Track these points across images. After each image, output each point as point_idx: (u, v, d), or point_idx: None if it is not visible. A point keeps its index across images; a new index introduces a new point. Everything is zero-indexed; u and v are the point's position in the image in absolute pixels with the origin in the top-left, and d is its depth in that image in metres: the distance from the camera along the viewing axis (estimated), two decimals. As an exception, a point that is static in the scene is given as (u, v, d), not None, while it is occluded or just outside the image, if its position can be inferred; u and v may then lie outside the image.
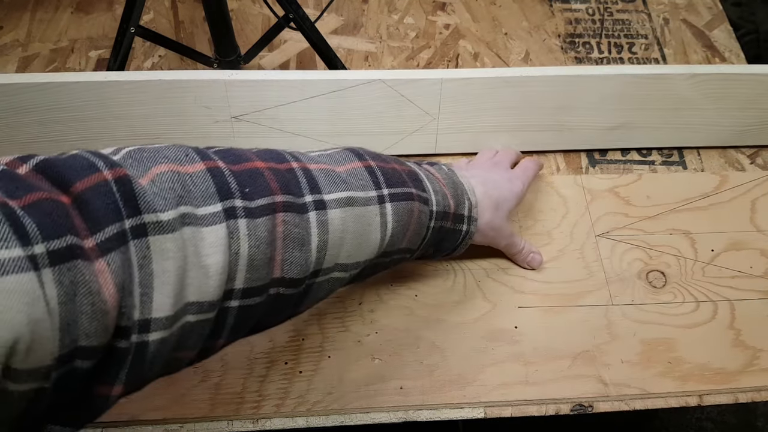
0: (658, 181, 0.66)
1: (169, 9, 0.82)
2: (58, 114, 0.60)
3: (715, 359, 0.55)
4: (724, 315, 0.57)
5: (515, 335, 0.56)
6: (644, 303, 0.58)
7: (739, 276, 0.60)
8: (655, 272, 0.60)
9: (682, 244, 0.61)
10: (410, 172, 0.46)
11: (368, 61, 0.77)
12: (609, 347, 0.55)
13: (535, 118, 0.64)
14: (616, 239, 0.61)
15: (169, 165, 0.32)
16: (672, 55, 0.78)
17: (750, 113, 0.66)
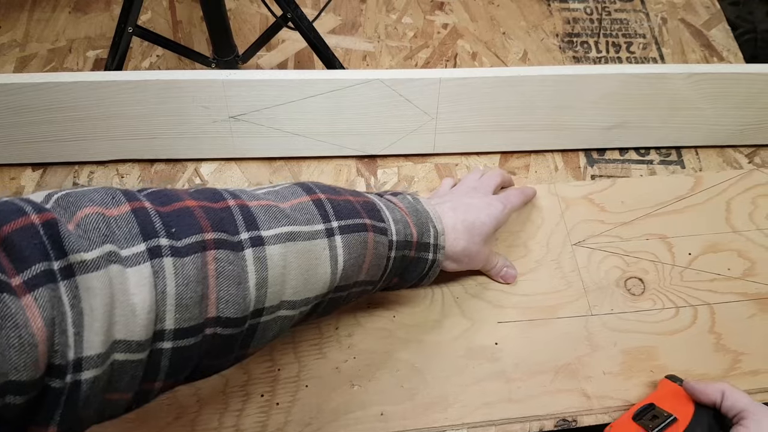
0: (632, 185, 0.65)
1: (167, 9, 0.82)
2: (55, 114, 0.60)
3: (697, 365, 0.54)
4: (704, 319, 0.57)
5: (496, 352, 0.55)
6: (623, 311, 0.57)
7: (718, 279, 0.59)
8: (633, 279, 0.59)
9: (659, 249, 0.61)
10: (366, 202, 0.45)
11: (366, 61, 0.77)
12: (590, 359, 0.54)
13: (533, 117, 0.64)
14: (592, 247, 0.61)
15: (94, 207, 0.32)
16: (670, 55, 0.78)
17: (748, 112, 0.66)
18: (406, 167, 0.66)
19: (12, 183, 0.64)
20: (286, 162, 0.66)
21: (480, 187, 0.58)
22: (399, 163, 0.67)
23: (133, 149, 0.64)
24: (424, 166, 0.67)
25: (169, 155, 0.65)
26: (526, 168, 0.67)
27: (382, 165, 0.67)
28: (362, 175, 0.66)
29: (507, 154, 0.68)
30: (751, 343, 0.56)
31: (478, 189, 0.57)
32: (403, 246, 0.47)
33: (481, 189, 0.57)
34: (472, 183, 0.59)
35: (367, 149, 0.66)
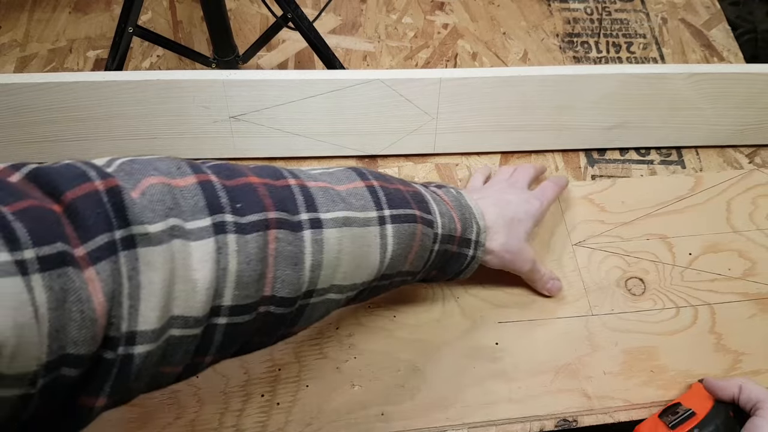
0: (632, 185, 0.65)
1: (167, 9, 0.82)
2: (56, 114, 0.60)
3: (697, 365, 0.54)
4: (705, 319, 0.57)
5: (496, 352, 0.55)
6: (624, 311, 0.57)
7: (718, 279, 0.59)
8: (634, 279, 0.59)
9: (660, 249, 0.61)
10: (415, 193, 0.45)
11: (366, 61, 0.77)
12: (591, 359, 0.54)
13: (534, 117, 0.64)
14: (593, 247, 0.61)
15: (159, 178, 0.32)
16: (670, 55, 0.78)
17: (748, 112, 0.66)
18: (407, 167, 0.66)
19: (12, 183, 0.64)
20: (287, 162, 0.66)
21: (515, 183, 0.57)
22: (399, 163, 0.67)
23: (134, 149, 0.64)
24: (425, 166, 0.67)
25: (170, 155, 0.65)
26: (527, 168, 0.67)
27: (383, 165, 0.67)
28: (363, 175, 0.66)
29: (507, 154, 0.68)
30: (751, 343, 0.56)
31: (514, 185, 0.57)
32: (447, 240, 0.47)
33: (517, 185, 0.57)
34: (507, 179, 0.58)
35: (368, 149, 0.66)
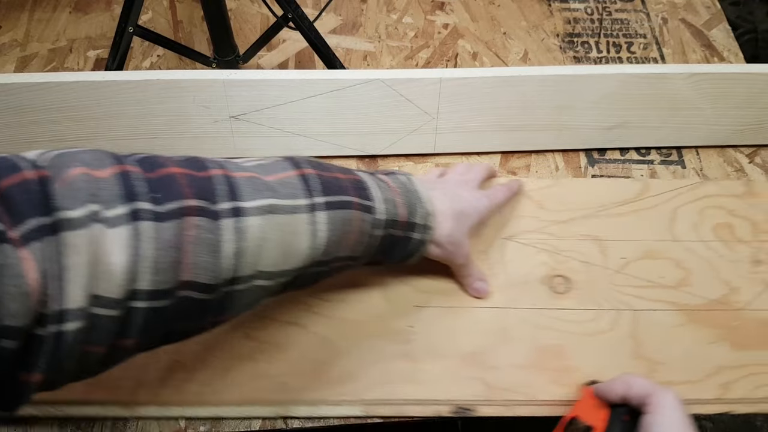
0: (577, 186, 0.64)
1: (168, 9, 0.82)
2: (56, 114, 0.60)
3: (609, 369, 0.53)
4: (626, 324, 0.56)
5: (410, 335, 0.55)
6: (544, 308, 0.56)
7: (648, 286, 0.58)
8: (560, 278, 0.58)
9: (592, 251, 0.60)
10: (356, 180, 0.46)
11: (367, 61, 0.77)
12: (501, 351, 0.54)
13: (534, 117, 0.64)
14: (523, 242, 0.60)
15: (83, 168, 0.34)
16: (671, 55, 0.78)
17: (748, 112, 0.66)
18: (407, 167, 0.66)
19: (13, 183, 0.64)
20: (287, 162, 0.66)
21: (468, 180, 0.58)
22: (400, 163, 0.67)
23: (134, 149, 0.63)
24: (425, 166, 0.67)
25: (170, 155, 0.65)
26: (527, 168, 0.67)
27: (383, 165, 0.67)
28: (363, 175, 0.66)
29: (507, 154, 0.68)
30: (670, 354, 0.55)
31: (467, 182, 0.58)
32: (390, 225, 0.47)
33: (470, 183, 0.58)
34: (459, 176, 0.59)
35: (368, 149, 0.66)
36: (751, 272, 0.59)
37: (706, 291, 0.58)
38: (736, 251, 0.60)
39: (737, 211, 0.63)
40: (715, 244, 0.60)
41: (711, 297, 0.57)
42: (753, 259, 0.60)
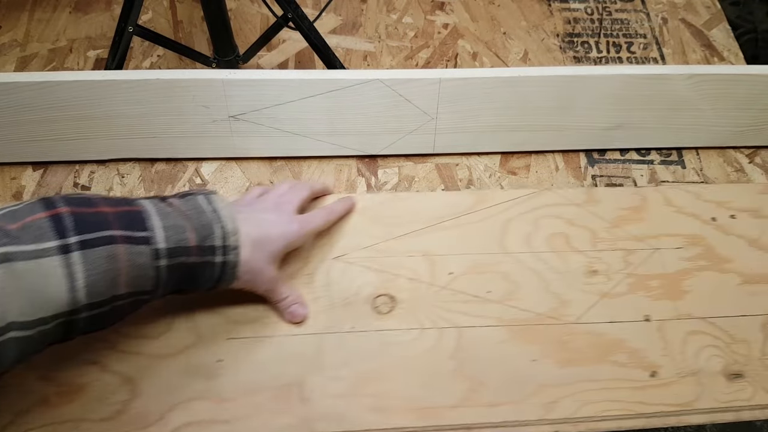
0: (409, 200, 0.62)
1: (168, 9, 0.82)
2: (56, 113, 0.60)
3: (427, 392, 0.52)
4: (448, 343, 0.54)
5: (217, 369, 0.52)
6: (365, 330, 0.54)
7: (474, 301, 0.56)
8: (384, 297, 0.56)
9: (421, 267, 0.58)
10: (126, 212, 0.44)
11: (367, 61, 0.77)
12: (316, 378, 0.52)
13: (534, 118, 0.64)
14: (351, 262, 0.58)
15: None
16: (671, 55, 0.78)
17: (748, 113, 0.66)
18: (407, 167, 0.66)
19: (13, 183, 0.64)
20: (287, 162, 0.66)
21: (284, 203, 0.55)
22: (400, 163, 0.67)
23: (134, 148, 0.64)
24: (425, 166, 0.67)
25: (170, 155, 0.65)
26: (527, 168, 0.67)
27: (383, 165, 0.67)
28: (363, 175, 0.66)
29: (507, 154, 0.68)
30: (493, 373, 0.53)
31: (281, 205, 0.55)
32: (177, 253, 0.45)
33: (285, 205, 0.55)
34: (277, 197, 0.56)
35: (367, 149, 0.66)
36: (584, 284, 0.58)
37: (534, 305, 0.56)
38: (570, 262, 0.59)
39: (576, 220, 0.61)
40: (547, 256, 0.59)
41: (539, 311, 0.56)
42: (588, 270, 0.58)
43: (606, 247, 0.60)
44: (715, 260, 0.60)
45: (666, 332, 0.56)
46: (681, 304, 0.57)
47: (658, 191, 0.64)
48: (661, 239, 0.61)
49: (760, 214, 0.63)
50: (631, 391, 0.53)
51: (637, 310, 0.57)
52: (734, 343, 0.55)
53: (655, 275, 0.59)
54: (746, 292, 0.58)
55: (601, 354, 0.54)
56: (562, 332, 0.55)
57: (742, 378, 0.54)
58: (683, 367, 0.54)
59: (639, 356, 0.54)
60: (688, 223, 0.62)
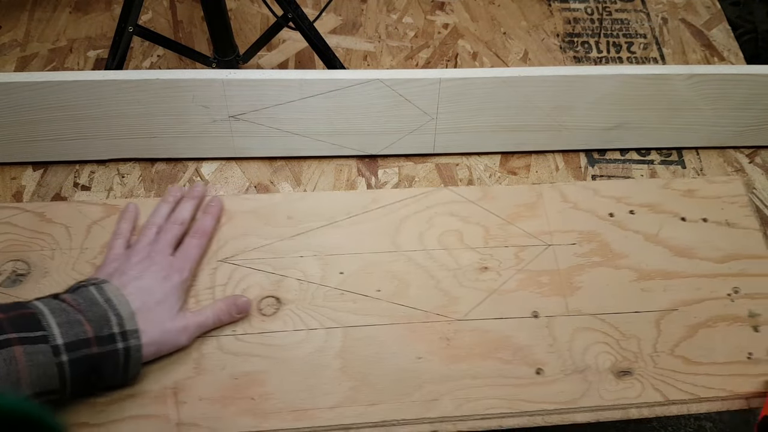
0: (305, 200, 0.62)
1: (168, 9, 0.82)
2: (56, 113, 0.60)
3: (309, 393, 0.52)
4: (334, 343, 0.54)
5: None
6: (246, 333, 0.54)
7: (362, 300, 0.56)
8: (270, 299, 0.56)
9: (312, 267, 0.58)
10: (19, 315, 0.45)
11: (367, 61, 0.77)
12: (192, 383, 0.51)
13: (534, 118, 0.64)
14: (237, 263, 0.57)
15: None
16: (671, 55, 0.78)
17: (748, 113, 0.66)
18: (407, 167, 0.66)
19: (13, 183, 0.64)
20: (287, 162, 0.66)
21: (158, 250, 0.54)
22: (400, 163, 0.67)
23: (134, 148, 0.64)
24: (425, 166, 0.67)
25: (170, 154, 0.65)
26: (527, 168, 0.67)
27: (383, 165, 0.67)
28: (363, 175, 0.66)
29: (507, 154, 0.68)
30: (378, 371, 0.53)
31: (152, 256, 0.54)
32: (77, 346, 0.46)
33: (157, 253, 0.54)
34: (149, 244, 0.55)
35: (368, 149, 0.66)
36: (474, 281, 0.58)
37: (422, 303, 0.56)
38: (462, 259, 0.59)
39: (471, 217, 0.61)
40: (439, 253, 0.59)
41: (427, 309, 0.56)
42: (479, 267, 0.58)
43: (498, 244, 0.60)
44: (609, 256, 0.60)
45: (554, 329, 0.56)
46: (571, 301, 0.57)
47: (555, 188, 0.64)
48: (554, 235, 0.60)
49: (660, 209, 0.63)
50: (515, 388, 0.53)
51: (526, 307, 0.57)
52: (625, 340, 0.55)
53: (547, 271, 0.59)
54: (640, 288, 0.58)
55: (486, 351, 0.54)
56: (448, 330, 0.55)
57: (630, 375, 0.54)
58: (570, 365, 0.54)
59: (525, 353, 0.54)
60: (583, 219, 0.62)
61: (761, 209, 0.65)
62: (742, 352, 0.55)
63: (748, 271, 0.60)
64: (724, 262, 0.60)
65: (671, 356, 0.55)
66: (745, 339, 0.56)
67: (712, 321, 0.57)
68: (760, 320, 0.57)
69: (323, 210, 0.61)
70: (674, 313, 0.57)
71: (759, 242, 0.62)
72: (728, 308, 0.58)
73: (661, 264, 0.60)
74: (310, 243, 0.59)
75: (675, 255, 0.60)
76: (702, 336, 0.56)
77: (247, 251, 0.58)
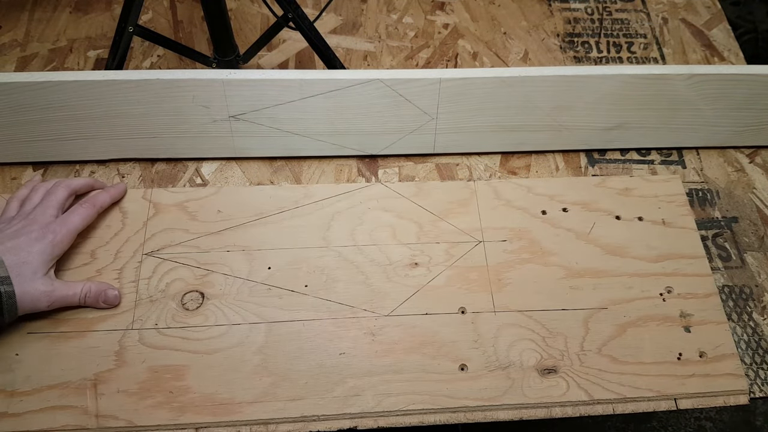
0: (234, 194, 0.62)
1: (168, 9, 0.82)
2: (56, 113, 0.60)
3: (227, 388, 0.52)
4: (256, 338, 0.54)
5: (13, 363, 0.52)
6: (169, 327, 0.54)
7: (288, 295, 0.56)
8: (194, 293, 0.56)
9: (238, 262, 0.58)
10: None
11: (367, 61, 0.77)
12: (111, 375, 0.52)
13: (534, 117, 0.64)
14: (163, 257, 0.57)
15: None
16: (671, 55, 0.78)
17: (748, 113, 0.66)
18: (407, 167, 0.66)
19: (13, 183, 0.64)
20: (287, 162, 0.66)
21: (37, 211, 0.55)
22: (400, 163, 0.67)
23: (134, 148, 0.64)
24: (425, 166, 0.67)
25: (170, 154, 0.65)
26: (527, 168, 0.67)
27: (383, 165, 0.67)
28: (363, 175, 0.66)
29: (508, 154, 0.68)
30: (299, 367, 0.53)
31: (33, 215, 0.55)
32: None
33: (39, 214, 0.55)
34: (31, 207, 0.56)
35: (368, 149, 0.66)
36: (404, 276, 0.58)
37: (349, 298, 0.56)
38: (392, 255, 0.59)
39: (405, 213, 0.61)
40: (370, 249, 0.59)
41: (354, 304, 0.56)
42: (409, 263, 0.59)
43: (429, 240, 0.60)
44: (539, 253, 0.60)
45: (480, 325, 0.56)
46: (498, 297, 0.57)
47: (489, 185, 0.64)
48: (486, 232, 0.61)
49: (593, 207, 0.63)
50: (438, 384, 0.53)
51: (454, 303, 0.57)
52: (551, 338, 0.55)
53: (476, 268, 0.58)
54: (569, 286, 0.58)
55: (411, 346, 0.54)
56: (374, 325, 0.55)
57: (555, 373, 0.53)
58: (494, 361, 0.54)
59: (449, 349, 0.54)
60: (515, 216, 0.62)
61: (761, 209, 0.65)
62: (671, 352, 0.55)
63: (682, 271, 0.59)
64: (658, 262, 0.60)
65: (598, 355, 0.54)
66: (676, 339, 0.56)
67: (642, 321, 0.56)
68: (692, 320, 0.57)
69: (254, 205, 0.61)
70: (603, 312, 0.57)
71: (695, 242, 0.61)
72: (659, 308, 0.57)
73: (591, 262, 0.59)
74: (239, 238, 0.59)
75: (607, 253, 0.60)
76: (631, 335, 0.56)
77: (171, 246, 0.58)
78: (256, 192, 0.62)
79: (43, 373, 0.52)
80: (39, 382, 0.52)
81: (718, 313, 0.57)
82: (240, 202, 0.61)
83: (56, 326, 0.54)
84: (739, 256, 0.62)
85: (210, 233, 0.59)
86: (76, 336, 0.54)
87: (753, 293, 0.60)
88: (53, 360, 0.53)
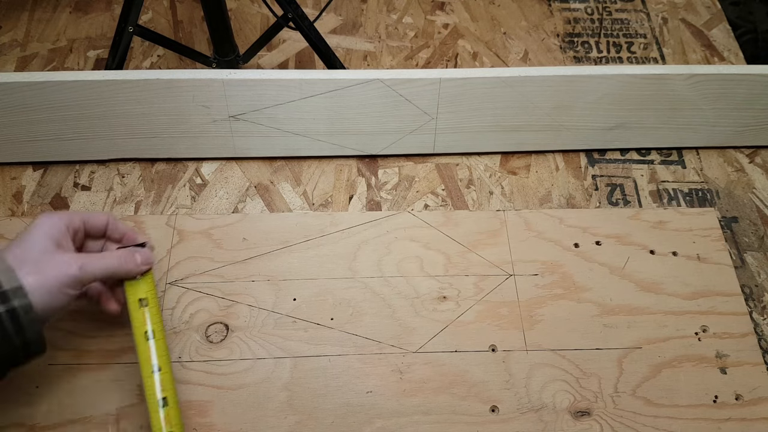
0: (259, 222, 0.60)
1: (168, 9, 0.82)
2: (56, 113, 0.60)
3: (250, 426, 0.50)
4: (282, 374, 0.52)
5: (33, 396, 0.50)
6: (192, 360, 0.52)
7: (314, 328, 0.54)
8: (218, 325, 0.54)
9: (263, 293, 0.56)
10: None
11: (367, 61, 0.77)
12: (134, 410, 0.50)
13: (534, 117, 0.64)
14: (187, 287, 0.55)
15: None
16: (671, 55, 0.78)
17: (748, 113, 0.66)
18: (407, 167, 0.66)
19: (13, 183, 0.64)
20: (287, 162, 0.66)
21: None
22: (400, 163, 0.67)
23: (134, 148, 0.64)
24: (425, 166, 0.67)
25: (170, 154, 0.65)
26: (527, 168, 0.67)
27: (383, 165, 0.67)
28: (363, 175, 0.66)
29: (508, 154, 0.68)
30: (325, 406, 0.51)
31: None
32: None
33: None
34: None
35: (368, 149, 0.66)
36: (432, 311, 0.56)
37: (376, 333, 0.54)
38: (420, 288, 0.57)
39: (432, 243, 0.59)
40: (397, 281, 0.57)
41: (381, 339, 0.54)
42: (438, 296, 0.56)
43: (458, 272, 0.58)
44: (572, 289, 0.57)
45: (511, 364, 0.53)
46: (530, 335, 0.55)
47: (520, 215, 0.62)
48: (516, 265, 0.58)
49: (627, 241, 0.60)
50: (468, 426, 0.50)
51: (484, 340, 0.54)
52: (584, 378, 0.53)
53: (507, 303, 0.56)
54: (603, 323, 0.56)
55: (440, 386, 0.52)
56: (402, 362, 0.53)
57: (589, 416, 0.51)
58: (525, 403, 0.51)
59: (480, 389, 0.52)
60: (547, 249, 0.59)
61: (761, 209, 0.65)
62: (707, 395, 0.53)
63: (718, 309, 0.57)
64: (693, 299, 0.57)
65: (633, 397, 0.52)
66: (712, 381, 0.53)
67: (677, 361, 0.54)
68: (728, 361, 0.54)
69: (279, 232, 0.59)
70: (637, 352, 0.54)
71: (731, 279, 0.59)
72: (695, 348, 0.55)
73: (626, 299, 0.57)
74: (264, 267, 0.57)
75: (641, 290, 0.58)
76: (666, 376, 0.53)
77: (196, 275, 0.57)
78: (281, 219, 0.61)
79: (64, 406, 0.50)
80: (60, 416, 0.50)
81: (754, 354, 0.55)
82: (265, 230, 0.60)
83: (78, 358, 0.52)
84: (739, 256, 0.62)
85: (235, 261, 0.57)
86: (99, 368, 0.52)
87: (753, 293, 0.60)
88: (75, 393, 0.51)
